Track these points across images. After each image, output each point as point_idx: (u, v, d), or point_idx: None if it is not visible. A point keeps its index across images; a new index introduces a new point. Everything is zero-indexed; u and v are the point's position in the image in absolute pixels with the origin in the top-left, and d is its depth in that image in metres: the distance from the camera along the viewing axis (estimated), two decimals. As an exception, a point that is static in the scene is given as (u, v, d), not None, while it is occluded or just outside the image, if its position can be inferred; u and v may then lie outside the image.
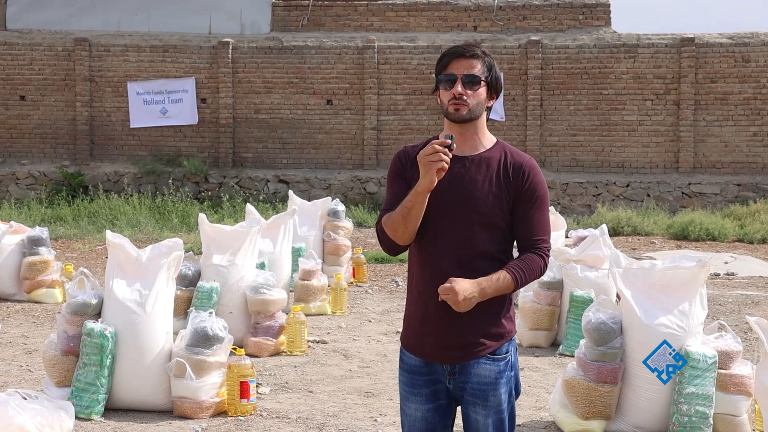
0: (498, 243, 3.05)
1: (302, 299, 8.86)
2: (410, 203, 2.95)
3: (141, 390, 5.59)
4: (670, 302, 4.96)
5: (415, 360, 3.11)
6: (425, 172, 2.90)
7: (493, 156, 3.07)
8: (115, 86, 18.08)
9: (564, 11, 17.85)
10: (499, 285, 2.99)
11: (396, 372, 6.75)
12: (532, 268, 3.04)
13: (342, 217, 11.04)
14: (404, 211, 2.97)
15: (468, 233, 3.01)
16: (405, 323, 3.18)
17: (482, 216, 3.02)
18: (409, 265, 3.18)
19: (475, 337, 3.03)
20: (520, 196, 3.04)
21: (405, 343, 3.16)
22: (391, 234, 3.03)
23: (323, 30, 18.26)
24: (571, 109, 17.44)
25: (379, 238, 3.11)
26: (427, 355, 3.07)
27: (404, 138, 17.66)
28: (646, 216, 15.31)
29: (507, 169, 3.05)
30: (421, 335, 3.07)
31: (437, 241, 3.03)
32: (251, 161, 18.04)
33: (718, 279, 11.17)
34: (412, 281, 3.15)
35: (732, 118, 17.13)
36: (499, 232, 3.05)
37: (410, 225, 2.99)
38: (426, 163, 2.90)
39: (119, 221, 15.02)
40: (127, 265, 5.70)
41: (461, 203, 3.03)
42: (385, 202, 3.12)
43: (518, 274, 3.03)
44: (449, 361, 3.06)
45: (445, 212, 3.02)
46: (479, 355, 3.04)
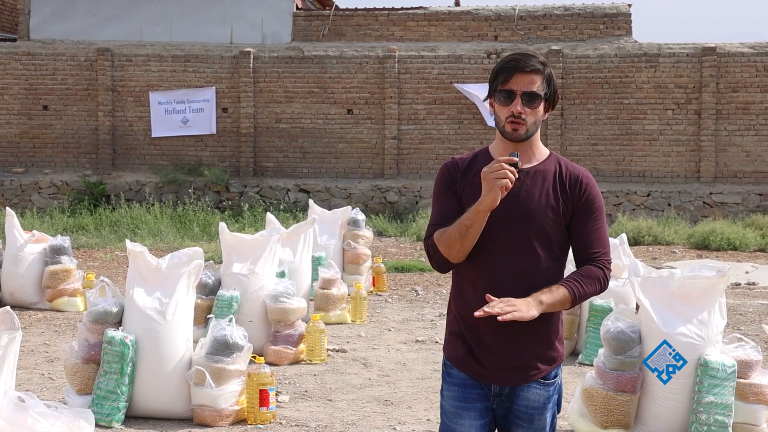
0: (557, 259, 2.95)
1: (322, 308, 8.88)
2: (469, 221, 2.83)
3: (161, 398, 5.63)
4: (689, 311, 4.94)
5: (464, 375, 3.02)
6: (488, 190, 2.78)
7: (548, 169, 2.97)
8: (137, 96, 18.24)
9: (585, 21, 17.83)
10: (555, 297, 2.87)
11: (415, 381, 6.80)
12: (591, 280, 2.92)
13: (362, 226, 11.06)
14: (462, 230, 2.84)
15: (526, 249, 2.90)
16: (450, 339, 3.05)
17: (540, 231, 2.91)
18: (456, 282, 3.04)
19: (532, 360, 2.96)
20: (578, 209, 2.94)
21: (454, 360, 3.04)
22: (445, 252, 2.90)
23: (344, 40, 18.34)
24: (592, 119, 17.39)
25: (429, 255, 2.97)
26: (482, 375, 2.98)
27: (424, 147, 17.68)
28: (666, 225, 15.23)
29: (563, 181, 2.96)
30: (476, 355, 2.97)
31: (494, 259, 2.91)
32: (272, 170, 18.13)
33: (738, 288, 11.09)
34: (461, 299, 3.00)
35: (754, 128, 17.03)
36: (557, 248, 2.95)
37: (467, 243, 2.87)
38: (491, 180, 2.77)
39: (140, 230, 15.13)
40: (148, 274, 5.74)
41: (518, 218, 2.91)
42: (433, 216, 3.00)
43: (575, 287, 2.90)
44: (504, 382, 2.98)
45: (501, 228, 2.90)
46: (533, 378, 2.97)
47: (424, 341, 8.19)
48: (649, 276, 5.19)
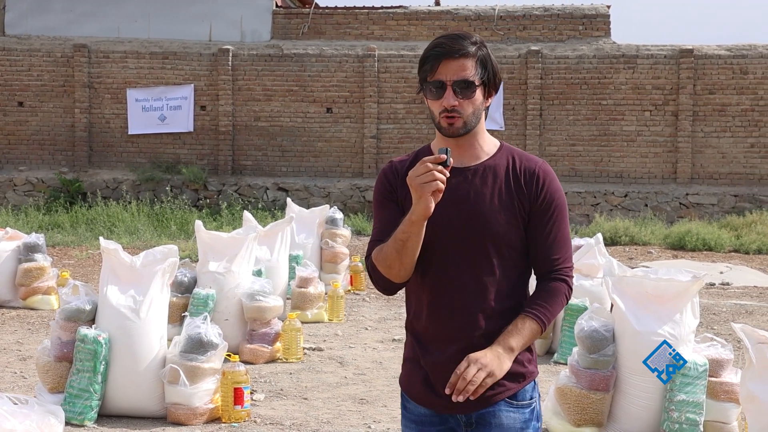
0: (517, 267, 2.58)
1: (299, 307, 8.87)
2: (404, 235, 2.44)
3: (134, 396, 5.60)
4: (663, 311, 4.98)
5: (422, 410, 2.62)
6: (419, 197, 2.38)
7: (499, 163, 2.58)
8: (114, 93, 18.13)
9: (564, 22, 17.91)
10: (525, 334, 2.51)
11: (391, 379, 6.79)
12: (556, 299, 2.56)
13: (340, 225, 11.06)
14: (398, 245, 2.46)
15: (481, 258, 2.52)
16: (405, 367, 2.68)
17: (496, 236, 2.53)
18: (408, 302, 2.67)
19: None
20: (535, 207, 2.55)
21: (409, 391, 2.65)
22: (384, 272, 2.53)
23: (323, 38, 18.31)
24: (571, 119, 17.47)
25: (371, 277, 2.60)
26: (441, 406, 2.58)
27: (404, 147, 17.69)
28: (643, 226, 15.33)
29: (518, 176, 2.57)
30: (430, 383, 2.58)
31: (446, 272, 2.54)
32: (250, 169, 18.07)
33: (713, 289, 11.19)
34: (414, 320, 2.64)
35: (730, 130, 17.17)
36: (517, 254, 2.57)
37: (406, 260, 2.49)
38: (417, 185, 2.37)
39: (117, 228, 15.04)
40: (122, 272, 5.71)
41: (469, 224, 2.53)
42: (374, 232, 2.62)
43: (542, 314, 2.54)
44: (465, 410, 2.56)
45: (451, 237, 2.53)
46: (498, 399, 2.55)
47: (401, 340, 8.19)
48: (623, 276, 5.22)
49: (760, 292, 10.99)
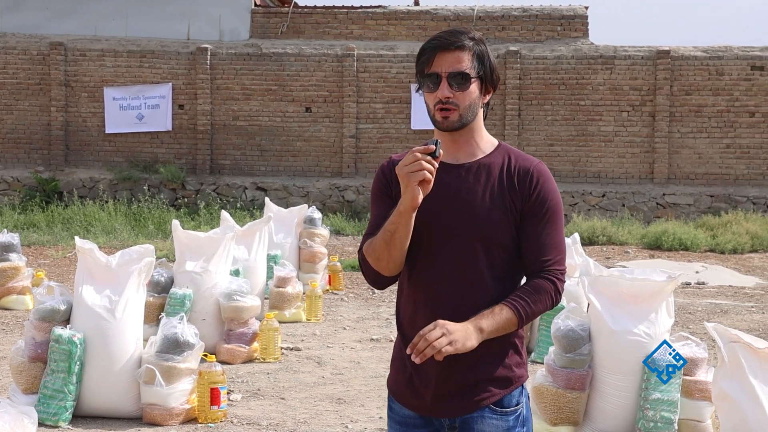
0: (507, 267, 2.53)
1: (277, 306, 8.86)
2: (393, 226, 2.43)
3: (110, 397, 5.56)
4: (638, 311, 5.01)
5: (407, 412, 2.60)
6: (405, 186, 2.38)
7: (494, 162, 2.55)
8: (91, 91, 18.00)
9: (542, 22, 17.98)
10: (498, 320, 2.44)
11: (369, 379, 6.79)
12: (539, 296, 2.49)
13: (318, 225, 11.04)
14: (387, 236, 2.45)
15: (470, 257, 2.49)
16: (393, 367, 2.66)
17: (486, 235, 2.49)
18: (399, 299, 2.64)
19: (479, 383, 2.52)
20: (528, 207, 2.51)
21: (395, 392, 2.63)
22: (374, 264, 2.51)
23: (303, 37, 18.28)
24: (549, 120, 17.55)
25: (362, 270, 2.58)
26: (423, 408, 2.56)
27: (383, 146, 17.69)
28: (620, 226, 15.42)
29: (511, 176, 2.53)
30: (415, 384, 2.56)
31: (433, 269, 2.52)
32: (229, 168, 18.00)
33: (688, 288, 11.28)
34: (402, 319, 2.61)
35: (706, 130, 17.31)
36: (507, 254, 2.52)
37: (395, 252, 2.47)
38: (405, 175, 2.37)
39: (94, 228, 14.93)
40: (97, 271, 5.67)
41: (460, 221, 2.50)
42: (368, 226, 2.60)
43: (521, 307, 2.47)
44: (448, 413, 2.53)
45: (440, 233, 2.51)
46: (483, 404, 2.51)
47: (379, 339, 8.20)
48: (599, 275, 5.25)
49: (735, 292, 11.09)
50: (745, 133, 17.23)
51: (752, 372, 3.20)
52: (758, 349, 3.25)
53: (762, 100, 17.16)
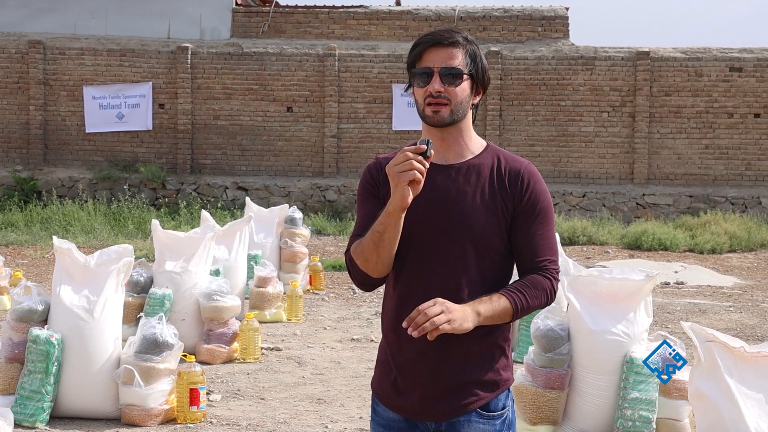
0: (497, 270, 2.50)
1: (257, 306, 8.84)
2: (382, 226, 2.39)
3: (88, 398, 5.53)
4: (616, 310, 5.04)
5: (392, 414, 2.56)
6: (395, 186, 2.34)
7: (484, 162, 2.52)
8: (71, 90, 17.88)
9: (523, 23, 18.04)
10: (495, 308, 2.41)
11: (349, 379, 6.79)
12: (537, 291, 2.46)
13: (299, 225, 11.02)
14: (375, 237, 2.40)
15: (460, 259, 2.46)
16: (377, 369, 2.62)
17: (476, 236, 2.45)
18: (384, 301, 2.61)
19: (466, 386, 2.48)
20: (520, 209, 2.49)
21: (379, 394, 2.59)
22: (362, 265, 2.46)
23: (284, 37, 18.25)
24: (530, 120, 17.60)
25: (349, 271, 2.53)
26: (408, 411, 2.52)
27: (364, 146, 17.70)
28: (601, 226, 15.50)
29: (502, 177, 2.50)
30: (400, 387, 2.52)
31: (421, 271, 2.48)
32: (210, 168, 17.94)
33: (667, 288, 11.35)
34: (387, 321, 2.57)
35: (685, 131, 17.43)
36: (497, 256, 2.50)
37: (384, 253, 2.42)
38: (395, 174, 2.33)
39: (73, 227, 14.84)
40: (75, 271, 5.63)
41: (450, 222, 2.46)
42: (355, 227, 2.57)
43: (518, 298, 2.44)
44: (434, 417, 2.50)
45: (430, 235, 2.47)
46: (470, 408, 2.48)
47: (360, 339, 8.20)
48: (578, 275, 5.27)
49: (714, 291, 11.17)
50: (723, 134, 17.36)
51: (728, 371, 3.22)
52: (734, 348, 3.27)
53: (740, 101, 17.31)
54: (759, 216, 16.34)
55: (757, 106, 17.30)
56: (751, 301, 10.46)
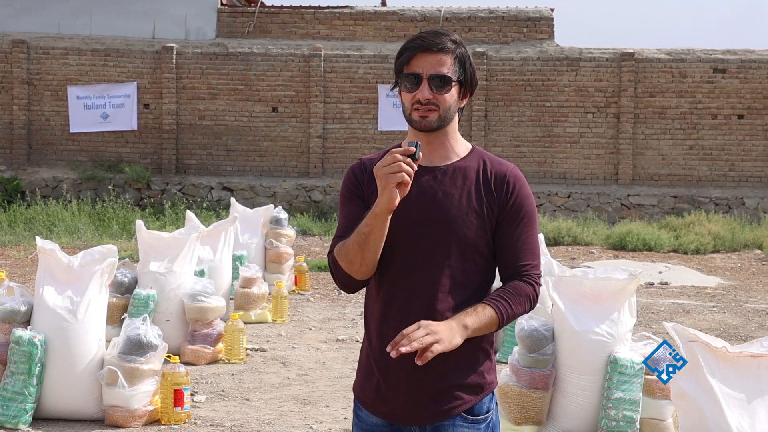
0: (481, 272, 2.49)
1: (242, 307, 8.81)
2: (367, 228, 2.37)
3: (71, 399, 5.50)
4: (601, 310, 5.05)
5: (375, 419, 2.53)
6: (383, 188, 2.32)
7: (470, 165, 2.52)
8: (55, 90, 17.79)
9: (508, 24, 18.08)
10: (481, 318, 2.40)
11: (334, 380, 6.78)
12: (520, 298, 2.45)
13: (284, 225, 11.00)
14: (360, 238, 2.38)
15: (444, 261, 2.44)
16: (359, 373, 2.60)
17: (462, 240, 2.45)
18: (367, 304, 2.58)
19: (450, 390, 2.46)
20: (505, 213, 2.49)
21: (362, 399, 2.57)
22: (346, 267, 2.44)
23: (269, 37, 18.21)
24: (515, 121, 17.65)
25: (332, 273, 2.51)
26: (391, 416, 2.50)
27: (350, 146, 17.69)
28: (585, 226, 15.55)
29: (488, 180, 2.50)
30: (383, 391, 2.49)
31: (406, 273, 2.46)
32: (195, 168, 17.89)
33: (652, 288, 11.40)
34: (371, 324, 2.54)
35: (669, 132, 17.52)
36: (481, 259, 2.49)
37: (369, 255, 2.40)
38: (383, 176, 2.31)
39: (57, 228, 14.76)
40: (59, 272, 5.60)
41: (435, 224, 2.45)
42: (338, 228, 2.53)
43: (503, 307, 2.43)
44: (418, 421, 2.48)
45: (415, 237, 2.45)
46: (454, 413, 2.46)
47: (345, 340, 8.19)
48: (562, 275, 5.29)
49: (697, 292, 11.23)
50: (707, 135, 17.46)
51: (710, 371, 3.24)
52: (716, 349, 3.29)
53: (724, 103, 17.41)
54: (742, 216, 16.44)
55: (740, 107, 17.40)
56: (734, 302, 10.52)
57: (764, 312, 9.80)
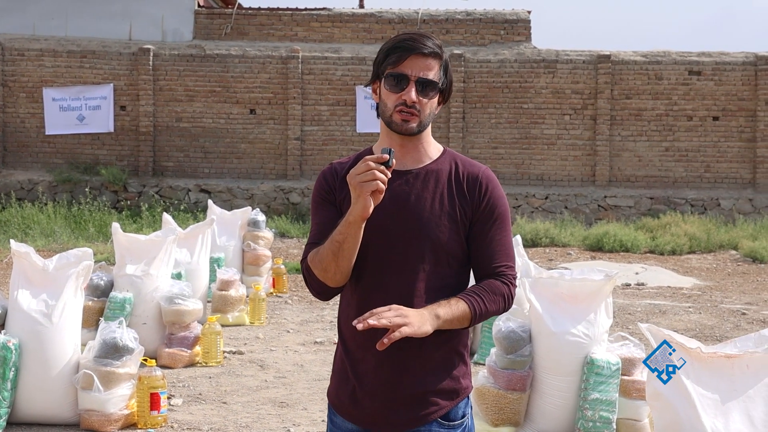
0: (455, 276, 2.48)
1: (220, 310, 8.78)
2: (341, 236, 2.35)
3: (46, 403, 5.45)
4: (577, 312, 5.08)
5: (350, 425, 2.52)
6: (357, 196, 2.29)
7: (442, 168, 2.50)
8: (30, 92, 17.64)
9: (486, 26, 18.14)
10: (454, 312, 2.38)
11: (312, 382, 6.77)
12: (495, 296, 2.44)
13: (262, 227, 10.97)
14: (334, 246, 2.36)
15: (418, 265, 2.43)
16: (334, 379, 2.58)
17: (435, 243, 2.43)
18: (341, 309, 2.56)
19: (427, 395, 2.45)
20: (478, 215, 2.47)
21: (337, 405, 2.55)
22: (320, 275, 2.41)
23: (247, 39, 18.16)
24: (493, 123, 17.70)
25: (306, 280, 2.48)
26: (367, 422, 2.48)
27: (327, 148, 17.67)
28: (563, 228, 15.62)
29: (460, 182, 2.49)
30: (358, 397, 2.47)
31: (380, 278, 2.44)
32: (172, 170, 17.80)
33: (628, 289, 11.47)
34: (344, 330, 2.53)
35: (645, 134, 17.64)
36: (455, 262, 2.47)
37: (343, 263, 2.38)
38: (357, 184, 2.28)
39: (32, 230, 14.63)
40: (33, 275, 5.56)
41: (409, 228, 2.44)
42: (310, 235, 2.52)
43: (476, 303, 2.41)
44: (395, 427, 2.46)
45: (388, 241, 2.44)
46: (430, 418, 2.45)
47: (323, 342, 8.18)
48: (539, 277, 5.31)
49: (674, 292, 11.31)
50: (683, 137, 17.60)
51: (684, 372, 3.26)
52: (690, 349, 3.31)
53: (699, 104, 17.56)
54: (718, 217, 16.59)
55: (715, 109, 17.56)
56: (710, 302, 10.61)
57: (739, 312, 9.89)
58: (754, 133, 17.47)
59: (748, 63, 17.46)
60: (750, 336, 3.34)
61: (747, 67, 17.46)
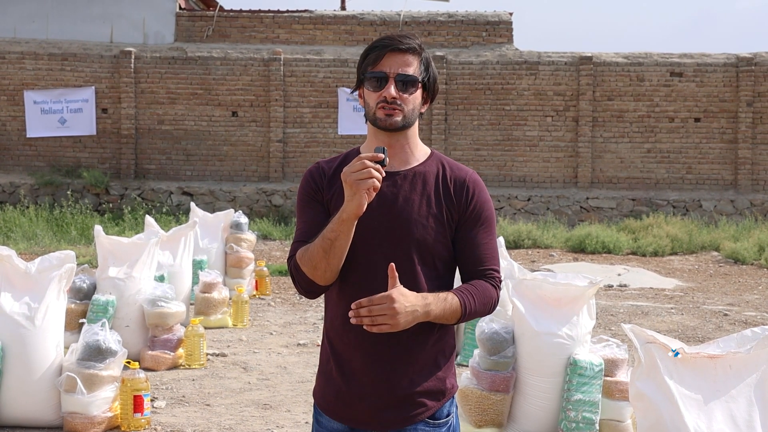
0: (440, 278, 2.49)
1: (203, 312, 8.76)
2: (333, 234, 2.34)
3: (29, 406, 5.42)
4: (560, 314, 5.10)
5: (336, 425, 2.53)
6: (352, 194, 2.30)
7: (429, 170, 2.52)
8: (11, 95, 17.53)
9: (468, 28, 18.18)
10: (445, 307, 2.39)
11: (295, 384, 6.76)
12: (484, 296, 2.46)
13: (245, 230, 10.95)
14: (326, 244, 2.36)
15: (404, 267, 2.42)
16: (320, 379, 2.58)
17: (421, 245, 2.45)
18: (327, 308, 2.56)
19: (414, 396, 2.47)
20: (464, 218, 2.49)
21: (323, 404, 2.55)
22: (309, 273, 2.41)
23: (228, 41, 18.12)
24: (475, 124, 17.75)
25: (293, 278, 2.48)
26: (354, 421, 2.49)
27: (310, 151, 17.66)
28: (545, 229, 15.68)
29: (447, 185, 2.51)
30: (345, 396, 2.49)
31: (367, 278, 2.44)
32: (154, 173, 17.73)
33: (611, 290, 11.53)
34: (330, 329, 2.53)
35: (627, 135, 17.74)
36: (442, 264, 2.49)
37: (333, 261, 2.38)
38: (352, 182, 2.28)
39: (14, 234, 14.54)
40: (16, 278, 5.53)
41: (395, 229, 2.45)
42: (297, 233, 2.51)
43: (468, 300, 2.43)
44: (382, 426, 2.48)
45: (376, 242, 2.45)
46: (418, 419, 2.47)
47: (306, 344, 8.17)
48: (523, 278, 5.32)
49: (656, 294, 11.38)
50: (665, 138, 17.71)
51: (667, 372, 3.28)
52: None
53: (681, 106, 17.67)
54: (699, 219, 16.70)
55: (697, 111, 17.68)
56: (692, 303, 10.68)
57: (721, 313, 9.96)
58: (735, 134, 17.61)
59: (730, 64, 17.60)
60: (732, 336, 3.36)
61: (728, 68, 17.59)
